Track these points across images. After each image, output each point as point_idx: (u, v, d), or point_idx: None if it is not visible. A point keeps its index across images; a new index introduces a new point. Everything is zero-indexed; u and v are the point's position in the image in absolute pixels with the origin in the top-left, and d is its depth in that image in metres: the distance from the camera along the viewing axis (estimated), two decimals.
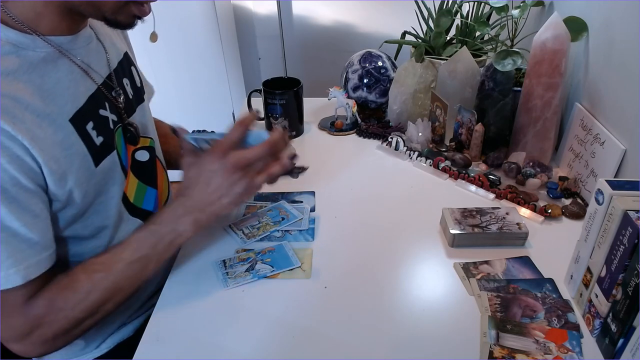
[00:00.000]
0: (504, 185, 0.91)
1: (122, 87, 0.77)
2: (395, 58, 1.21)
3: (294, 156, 0.69)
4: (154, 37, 0.79)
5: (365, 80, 1.14)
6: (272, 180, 0.68)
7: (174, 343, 0.63)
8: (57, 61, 0.64)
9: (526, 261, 0.74)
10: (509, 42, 0.99)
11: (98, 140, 0.68)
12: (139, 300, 0.84)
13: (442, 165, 0.97)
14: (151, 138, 0.83)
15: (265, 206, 0.88)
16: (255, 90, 1.13)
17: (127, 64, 0.82)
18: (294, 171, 0.77)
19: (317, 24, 1.83)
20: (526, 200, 0.86)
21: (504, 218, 0.78)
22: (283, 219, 0.84)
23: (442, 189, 0.93)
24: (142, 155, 0.80)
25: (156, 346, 0.62)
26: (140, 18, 0.67)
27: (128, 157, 0.77)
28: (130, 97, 0.80)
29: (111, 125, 0.72)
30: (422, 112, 1.09)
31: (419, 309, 0.66)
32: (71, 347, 0.78)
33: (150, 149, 0.82)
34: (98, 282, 0.62)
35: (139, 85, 0.85)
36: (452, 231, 0.76)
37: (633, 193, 0.56)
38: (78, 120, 0.65)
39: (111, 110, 0.73)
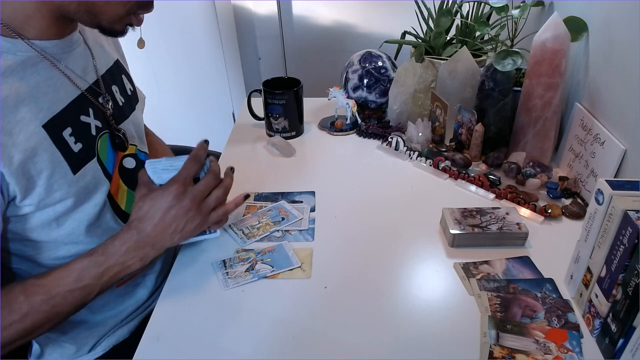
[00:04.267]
0: (504, 185, 0.91)
1: (110, 94, 0.76)
2: (395, 58, 1.21)
3: (247, 195, 0.77)
4: (141, 43, 0.79)
5: (365, 80, 1.14)
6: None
7: (174, 343, 0.63)
8: (37, 65, 0.63)
9: (526, 261, 0.74)
10: (509, 42, 0.99)
11: (76, 147, 0.67)
12: (132, 305, 0.83)
13: (442, 165, 0.97)
14: (136, 145, 0.82)
15: (265, 206, 0.88)
16: (255, 90, 1.13)
17: (117, 71, 0.81)
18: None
19: (317, 24, 1.83)
20: (526, 200, 0.86)
21: (504, 218, 0.78)
22: (283, 219, 0.84)
23: (442, 189, 0.93)
24: (129, 163, 0.79)
25: (156, 346, 0.62)
26: (132, 26, 0.66)
27: (116, 164, 0.76)
28: (121, 104, 0.79)
29: (93, 132, 0.70)
30: (422, 112, 1.09)
31: (419, 309, 0.66)
32: (63, 350, 0.78)
33: (135, 156, 0.81)
34: (37, 305, 0.59)
35: (129, 93, 0.83)
36: (452, 231, 0.76)
37: (633, 193, 0.56)
38: (53, 126, 0.63)
39: (95, 117, 0.71)
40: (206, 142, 0.71)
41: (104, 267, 0.63)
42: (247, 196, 0.76)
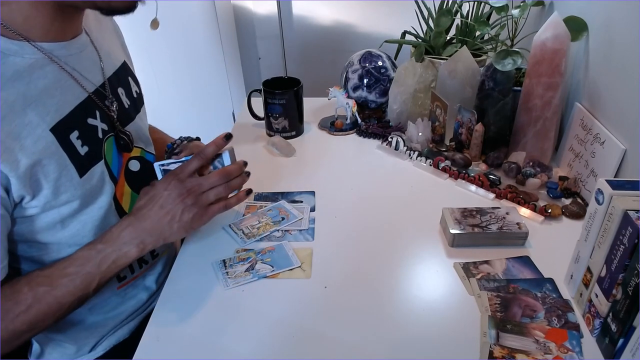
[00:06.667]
0: (504, 185, 0.91)
1: (116, 97, 0.76)
2: (395, 58, 1.21)
3: (249, 191, 0.76)
4: (155, 24, 0.76)
5: (365, 80, 1.14)
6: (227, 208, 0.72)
7: (174, 343, 0.63)
8: (44, 68, 0.62)
9: (526, 261, 0.74)
10: (509, 42, 0.99)
11: (83, 150, 0.66)
12: (133, 305, 0.83)
13: (442, 165, 0.97)
14: (142, 148, 0.82)
15: (265, 206, 0.88)
16: (255, 90, 1.13)
17: (123, 73, 0.81)
18: None
19: (317, 24, 1.83)
20: (526, 200, 0.86)
21: (504, 218, 0.78)
22: (283, 218, 0.84)
23: (442, 189, 0.93)
24: (134, 165, 0.79)
25: (156, 346, 0.62)
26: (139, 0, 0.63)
27: (122, 166, 0.75)
28: (126, 106, 0.79)
29: (100, 135, 0.70)
30: (422, 112, 1.09)
31: (419, 308, 0.66)
32: (63, 350, 0.78)
33: (141, 159, 0.81)
34: (41, 295, 0.61)
35: (135, 95, 0.83)
36: (452, 231, 0.76)
37: (633, 193, 0.56)
38: (60, 130, 0.63)
39: (102, 119, 0.71)
40: (227, 137, 0.72)
41: (102, 254, 0.64)
42: (249, 191, 0.76)
